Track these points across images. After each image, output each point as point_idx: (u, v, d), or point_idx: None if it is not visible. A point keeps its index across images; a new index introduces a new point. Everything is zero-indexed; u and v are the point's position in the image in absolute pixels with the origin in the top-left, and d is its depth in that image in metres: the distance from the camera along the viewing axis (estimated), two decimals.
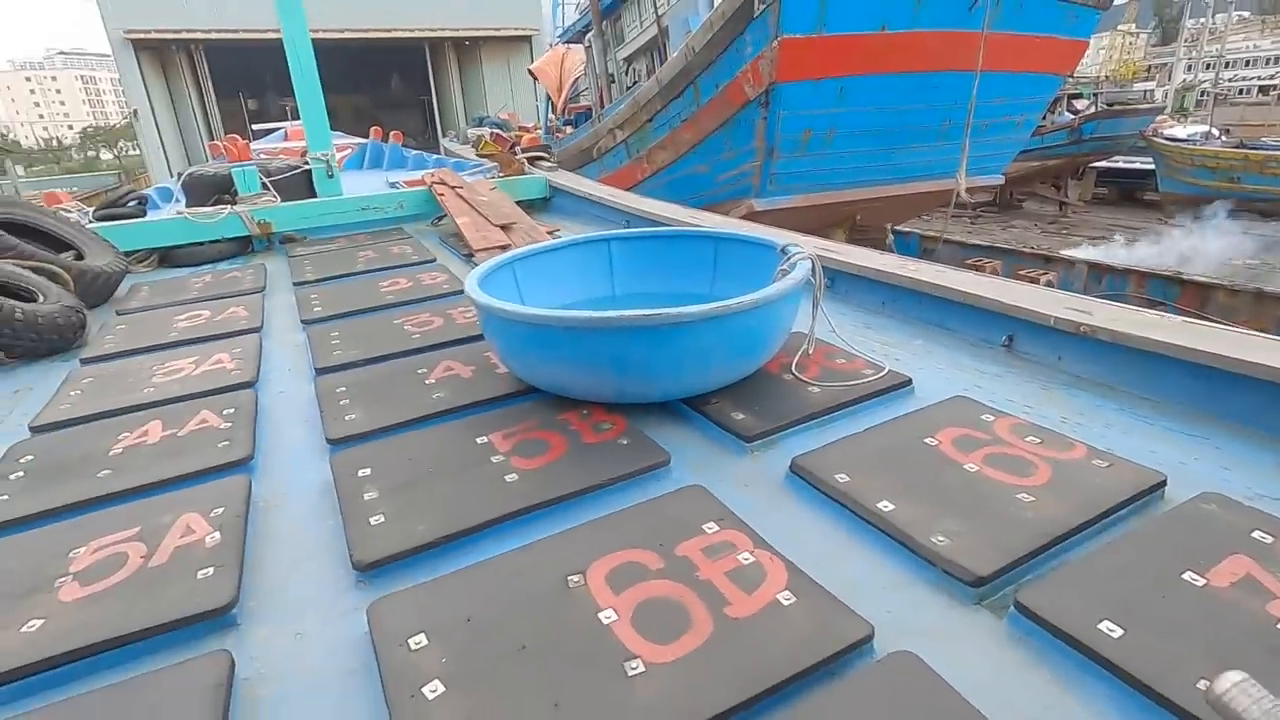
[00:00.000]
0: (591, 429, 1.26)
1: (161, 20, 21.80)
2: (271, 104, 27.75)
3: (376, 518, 1.03)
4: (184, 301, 2.36)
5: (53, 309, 2.00)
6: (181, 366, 1.73)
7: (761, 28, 6.51)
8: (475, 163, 5.49)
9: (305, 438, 1.38)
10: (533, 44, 27.32)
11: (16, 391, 1.73)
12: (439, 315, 1.99)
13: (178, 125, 23.94)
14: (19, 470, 1.24)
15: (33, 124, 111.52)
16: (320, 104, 3.81)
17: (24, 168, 39.94)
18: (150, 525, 1.03)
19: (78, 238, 2.66)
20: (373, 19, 24.08)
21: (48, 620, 0.85)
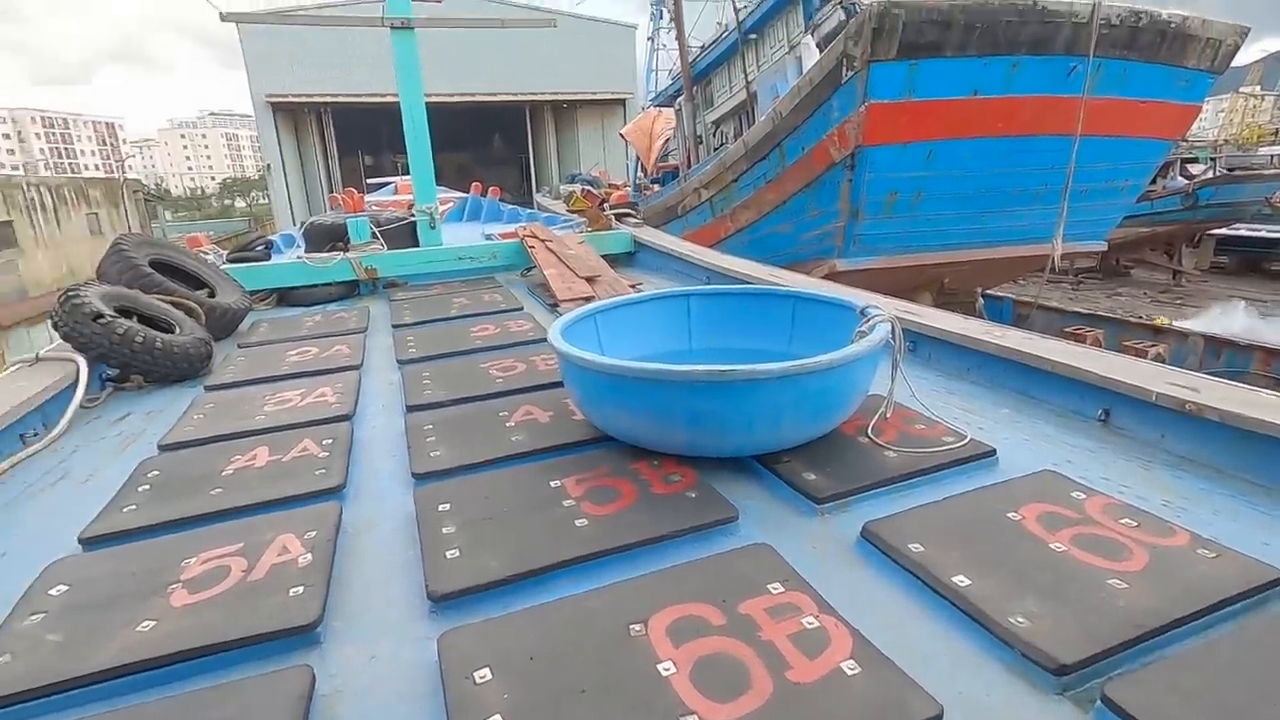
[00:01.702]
0: (661, 480, 1.28)
1: (298, 86, 24.33)
2: (385, 160, 30.14)
3: (452, 551, 1.08)
4: (296, 338, 2.57)
5: (186, 340, 2.22)
6: (290, 398, 1.88)
7: (849, 94, 6.59)
8: (565, 218, 5.75)
9: (393, 470, 1.47)
10: (626, 107, 28.64)
11: (149, 413, 1.93)
12: (523, 361, 2.08)
13: (303, 178, 26.35)
14: (146, 484, 1.37)
15: (182, 175, 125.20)
16: (429, 162, 4.13)
17: (171, 213, 44.73)
18: (252, 542, 1.12)
19: (212, 277, 2.96)
20: (480, 84, 26.00)
21: (159, 623, 0.93)
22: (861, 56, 6.29)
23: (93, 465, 1.59)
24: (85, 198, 21.52)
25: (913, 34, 6.19)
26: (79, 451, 1.68)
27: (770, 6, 10.51)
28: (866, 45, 6.22)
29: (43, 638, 0.91)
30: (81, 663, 0.85)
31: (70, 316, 2.04)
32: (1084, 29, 6.31)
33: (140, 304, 2.34)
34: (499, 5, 23.11)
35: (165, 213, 38.38)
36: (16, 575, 1.09)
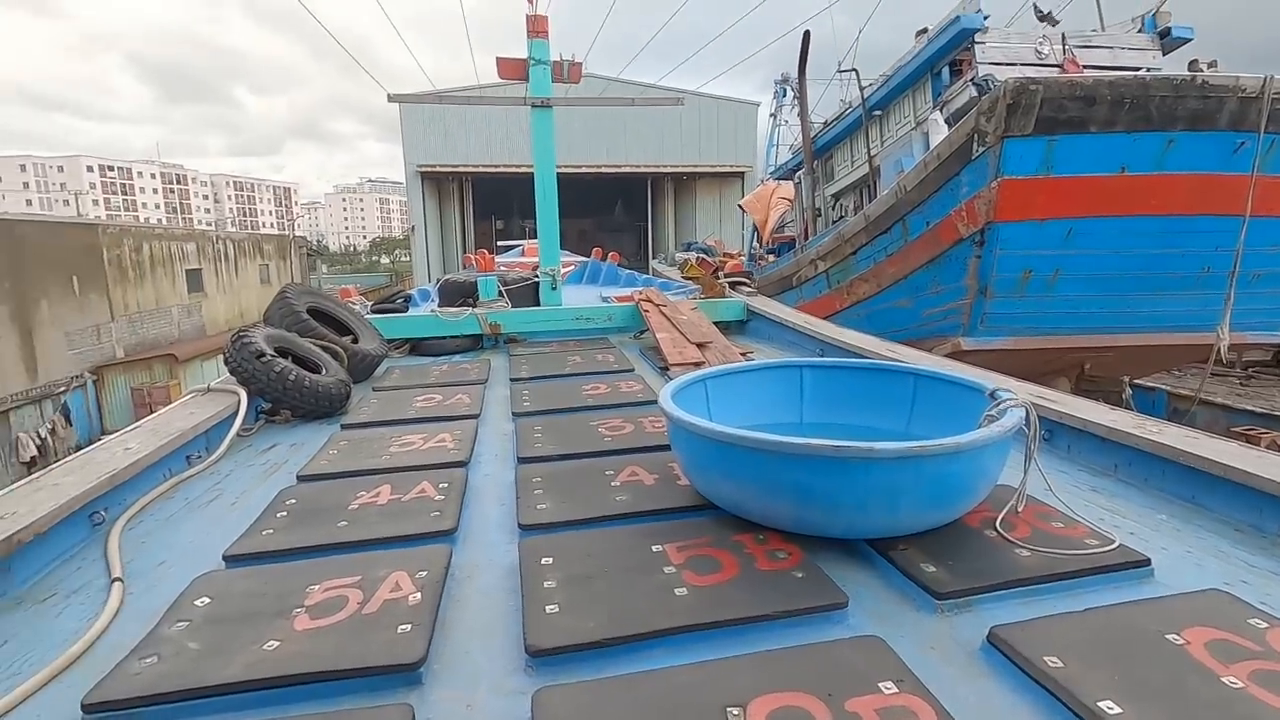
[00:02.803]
0: (766, 555, 1.24)
1: (444, 157, 26.86)
2: (514, 224, 32.33)
3: (552, 606, 1.08)
4: (423, 385, 2.75)
5: (330, 381, 2.43)
6: (413, 440, 1.99)
7: (980, 169, 6.38)
8: (680, 284, 5.87)
9: (500, 519, 1.51)
10: (745, 179, 29.26)
11: (292, 445, 2.11)
12: (631, 422, 2.10)
13: (441, 239, 28.71)
14: (284, 511, 1.49)
15: (339, 233, 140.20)
16: (556, 227, 4.38)
17: (327, 266, 49.96)
18: (369, 576, 1.18)
19: (357, 324, 3.25)
20: (607, 156, 27.57)
21: (282, 643, 0.99)
22: (995, 132, 6.10)
23: (241, 488, 1.75)
24: (260, 251, 24.49)
25: (1052, 110, 5.95)
26: (232, 475, 1.86)
27: (897, 83, 10.50)
28: (1000, 121, 6.04)
29: (185, 645, 0.99)
30: (213, 673, 0.92)
31: (238, 354, 2.30)
32: (1253, 104, 5.82)
33: (296, 346, 2.60)
34: (630, 85, 24.65)
35: (322, 266, 42.89)
36: (173, 582, 1.21)
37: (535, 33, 4.39)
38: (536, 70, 4.34)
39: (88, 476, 1.51)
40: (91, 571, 1.31)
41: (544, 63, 4.37)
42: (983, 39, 8.75)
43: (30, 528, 1.26)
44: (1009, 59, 8.68)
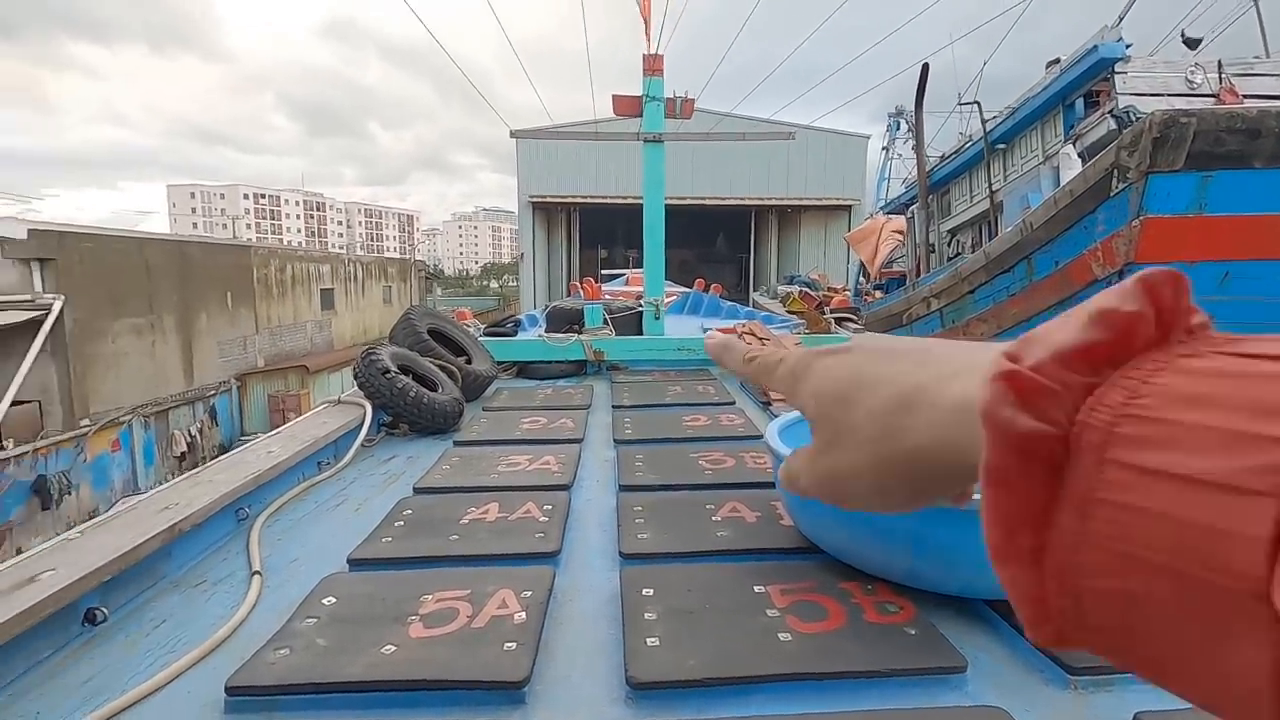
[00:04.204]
0: (875, 607, 1.18)
1: (555, 188, 28.06)
2: (618, 254, 33.15)
3: (652, 639, 1.08)
4: (530, 407, 2.84)
5: (445, 399, 2.57)
6: (519, 461, 2.06)
7: (1119, 207, 5.92)
8: (783, 318, 5.79)
9: (602, 545, 1.53)
10: (852, 212, 28.62)
11: (409, 458, 2.24)
12: (732, 456, 2.08)
13: (548, 266, 29.84)
14: (401, 520, 1.58)
15: (454, 258, 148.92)
16: (661, 258, 4.45)
17: (441, 289, 53.18)
18: (477, 591, 1.22)
19: (470, 346, 3.42)
20: (712, 188, 27.82)
21: (398, 649, 1.05)
22: (1138, 167, 5.66)
23: (364, 496, 1.87)
24: (384, 273, 26.42)
25: (1207, 143, 5.45)
26: (356, 483, 1.99)
27: (1024, 116, 9.99)
28: (1145, 155, 5.60)
29: (314, 640, 1.06)
30: (338, 670, 0.98)
31: (367, 370, 2.48)
32: None
33: (416, 364, 2.76)
34: (740, 119, 24.86)
35: (437, 289, 45.67)
36: (302, 579, 1.30)
37: (651, 71, 4.54)
38: (650, 106, 4.47)
39: (236, 476, 1.67)
40: (235, 563, 1.43)
41: (658, 99, 4.50)
42: (1124, 68, 8.19)
43: (189, 519, 1.40)
44: (1154, 89, 8.08)
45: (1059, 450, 0.25)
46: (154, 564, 1.33)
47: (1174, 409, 0.23)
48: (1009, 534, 0.26)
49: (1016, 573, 0.26)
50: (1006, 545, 0.26)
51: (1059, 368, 0.26)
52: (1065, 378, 0.26)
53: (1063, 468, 0.25)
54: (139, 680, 1.00)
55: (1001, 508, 0.26)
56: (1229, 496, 0.20)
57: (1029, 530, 0.26)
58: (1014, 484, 0.26)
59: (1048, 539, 0.25)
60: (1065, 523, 0.24)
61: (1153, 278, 0.27)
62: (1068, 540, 0.24)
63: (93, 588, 1.15)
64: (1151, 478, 0.22)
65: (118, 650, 1.11)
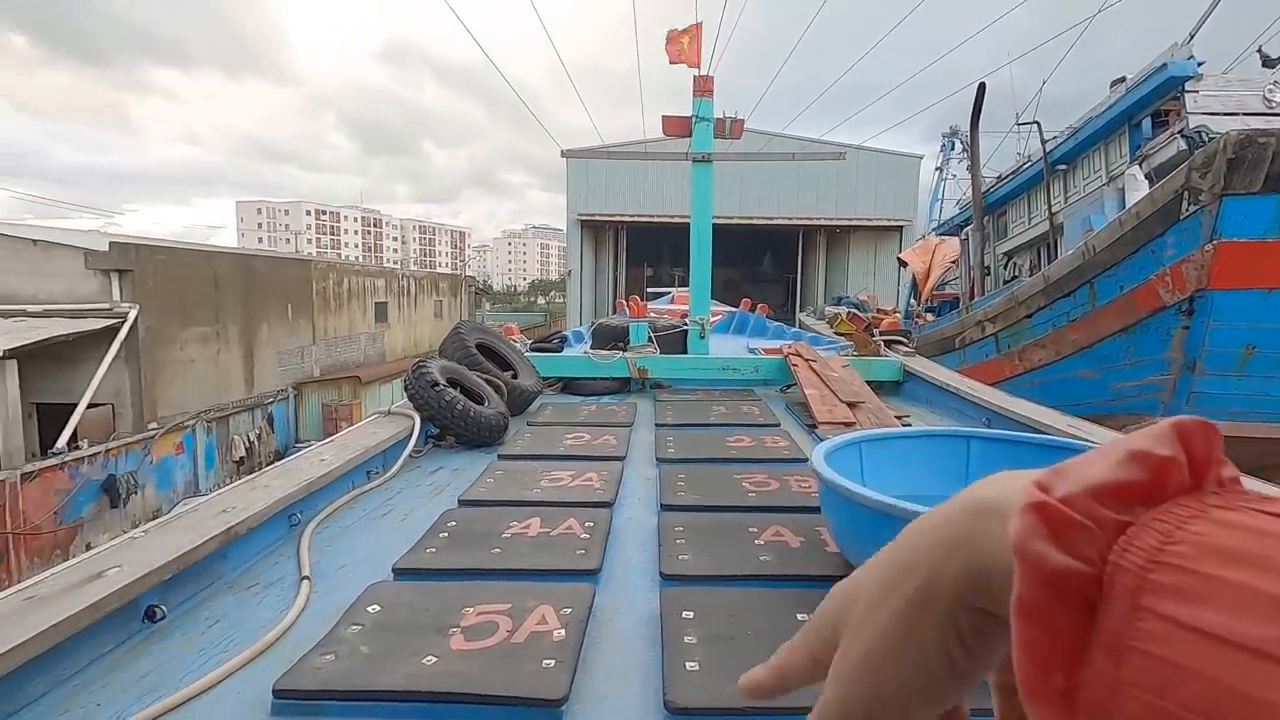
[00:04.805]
0: None
1: (603, 207, 28.39)
2: (663, 272, 33.26)
3: (691, 663, 1.06)
4: (573, 423, 2.86)
5: (491, 412, 2.61)
6: (561, 477, 2.07)
7: (1189, 230, 5.66)
8: (830, 339, 5.70)
9: (642, 565, 1.52)
10: (903, 233, 28.11)
11: (455, 469, 2.27)
12: (776, 479, 2.05)
13: (594, 284, 30.14)
14: (446, 531, 1.60)
15: (503, 274, 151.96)
16: (708, 277, 4.45)
17: (490, 304, 54.29)
18: (517, 605, 1.23)
19: (517, 361, 3.47)
20: (760, 208, 27.74)
21: (439, 660, 1.05)
22: (1211, 189, 5.41)
23: (410, 506, 1.90)
24: (436, 288, 27.12)
25: None
26: (403, 492, 2.03)
27: (1087, 136, 9.68)
28: (1219, 177, 5.34)
29: (357, 647, 1.08)
30: (381, 679, 0.99)
31: (417, 382, 2.53)
32: None
33: (464, 378, 2.82)
34: (789, 139, 24.79)
35: (486, 304, 46.63)
36: (349, 586, 1.33)
37: (701, 92, 4.57)
38: (700, 127, 4.50)
39: (290, 482, 1.72)
40: (286, 568, 1.47)
41: (707, 120, 4.52)
42: (1195, 87, 7.87)
43: (245, 522, 1.45)
44: (1229, 108, 7.74)
45: (1091, 588, 0.25)
46: (211, 565, 1.38)
47: (1209, 562, 0.23)
48: (1042, 672, 0.26)
49: (1049, 712, 0.26)
50: (1040, 683, 0.26)
51: (1091, 502, 0.25)
52: (1097, 514, 0.25)
53: (1095, 606, 0.25)
54: (193, 678, 1.03)
55: (1034, 643, 0.26)
56: (1263, 663, 0.20)
57: (1062, 669, 0.25)
58: (1047, 620, 0.25)
59: (1081, 680, 0.25)
60: (1099, 666, 0.24)
61: (1187, 426, 0.26)
62: (1102, 684, 0.24)
63: (153, 586, 1.20)
64: (1186, 633, 0.22)
65: (174, 647, 1.15)
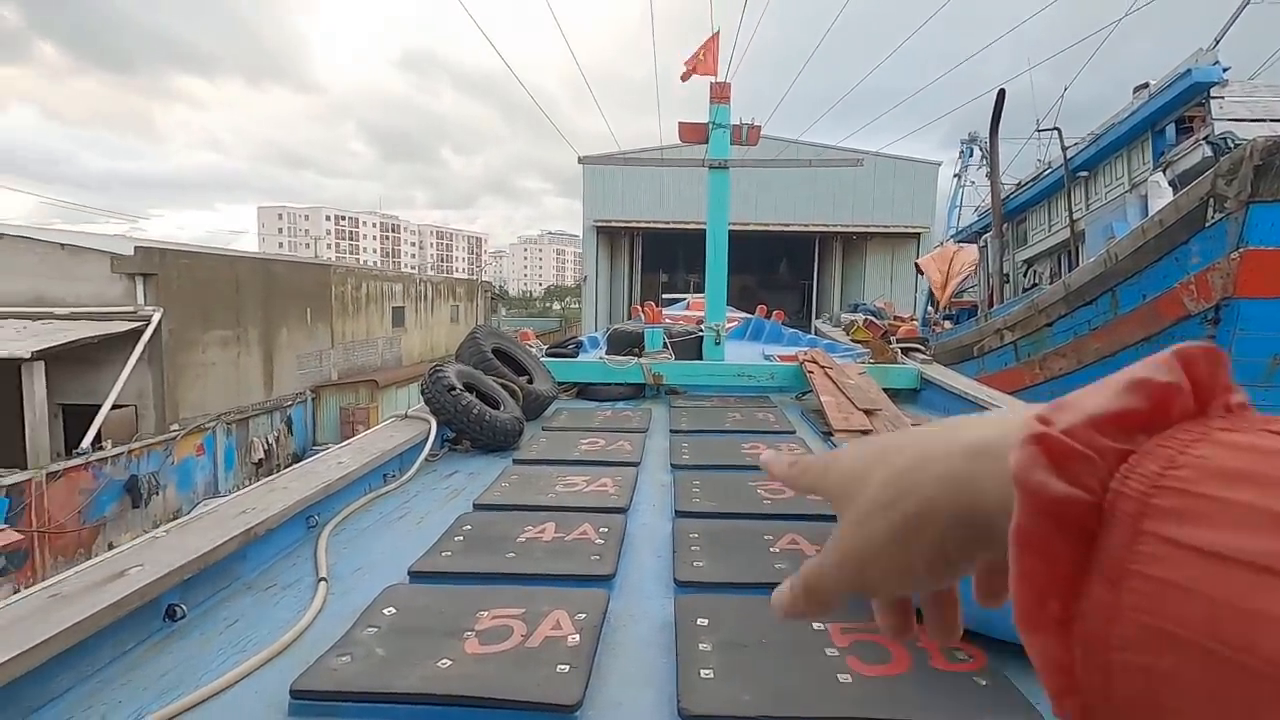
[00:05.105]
0: (943, 653, 1.12)
1: (619, 212, 28.47)
2: (678, 278, 33.26)
3: (706, 671, 1.05)
4: (588, 429, 2.86)
5: (506, 417, 2.62)
6: (576, 482, 2.07)
7: (1215, 238, 5.57)
8: (846, 346, 5.66)
9: (657, 571, 1.51)
10: (920, 240, 27.91)
11: (470, 474, 2.29)
12: None
13: (610, 289, 30.20)
14: (461, 535, 1.61)
15: (519, 280, 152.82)
16: (724, 284, 4.44)
17: (505, 310, 54.57)
18: (532, 610, 1.23)
19: (532, 366, 3.48)
20: (776, 215, 27.68)
21: (454, 663, 1.06)
22: (1237, 197, 5.32)
23: (426, 509, 1.91)
24: (453, 293, 27.31)
25: None
26: (418, 496, 2.04)
27: (1109, 143, 9.57)
28: (1246, 184, 5.25)
29: (373, 649, 1.08)
30: (396, 681, 1.00)
31: (433, 387, 2.55)
32: None
33: (480, 382, 2.83)
34: (806, 145, 24.74)
35: (502, 309, 46.90)
36: (365, 588, 1.34)
37: (718, 98, 4.58)
38: (717, 133, 4.50)
39: (308, 484, 1.74)
40: (303, 569, 1.49)
41: (724, 126, 4.53)
42: (1220, 93, 7.76)
43: (264, 523, 1.46)
44: (1255, 114, 7.61)
45: (1091, 517, 0.25)
46: (230, 565, 1.39)
47: (1212, 484, 0.23)
48: (1038, 600, 0.26)
49: (1045, 641, 0.26)
50: (1036, 612, 0.26)
51: (1092, 432, 0.26)
52: (1098, 443, 0.25)
53: (1095, 535, 0.25)
54: (211, 677, 1.04)
55: (1031, 572, 0.26)
56: (1263, 577, 0.20)
57: (1059, 598, 0.25)
58: (1045, 549, 0.25)
59: (1078, 608, 0.25)
60: (1097, 593, 0.24)
61: (1189, 352, 0.26)
62: (1099, 611, 0.24)
63: (174, 585, 1.21)
64: (1186, 553, 0.22)
65: (193, 646, 1.16)
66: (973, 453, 0.32)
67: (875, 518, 0.37)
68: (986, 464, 0.31)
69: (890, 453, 0.38)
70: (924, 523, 0.34)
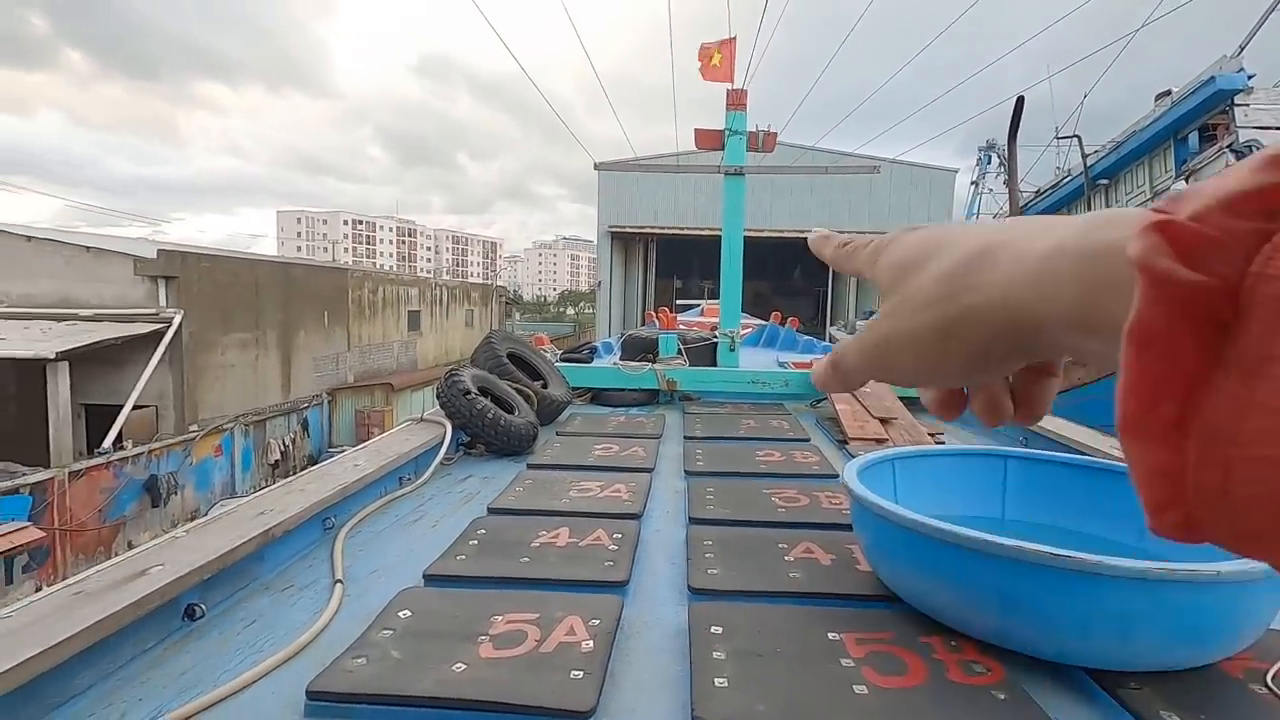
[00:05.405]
0: (960, 665, 1.11)
1: (635, 219, 28.53)
2: (693, 284, 33.28)
3: (720, 680, 1.05)
4: (602, 434, 2.87)
5: (521, 422, 2.63)
6: (590, 488, 2.07)
7: None
8: None
9: (670, 578, 1.51)
10: None
11: (485, 478, 2.30)
12: (806, 494, 2.02)
13: (624, 295, 30.26)
14: (475, 540, 1.61)
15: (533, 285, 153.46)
16: (739, 290, 4.43)
17: (519, 314, 54.79)
18: (545, 615, 1.23)
19: (547, 371, 3.49)
20: (790, 221, 27.61)
21: (468, 667, 1.06)
22: None
23: (440, 513, 1.93)
24: (468, 297, 27.48)
25: None
26: (433, 499, 2.05)
27: (1130, 150, 9.46)
28: None
29: (388, 651, 1.09)
30: (411, 684, 1.00)
31: (449, 390, 2.57)
32: None
33: (495, 386, 2.85)
34: (822, 153, 24.66)
35: (517, 314, 47.07)
36: (380, 591, 1.35)
37: (734, 105, 4.58)
38: (733, 140, 4.50)
39: (324, 486, 1.75)
40: (319, 570, 1.50)
41: (740, 133, 4.53)
42: (1245, 100, 7.65)
43: (281, 525, 1.48)
44: None
45: (1226, 305, 0.22)
46: (248, 566, 1.41)
47: None
48: (1151, 402, 0.23)
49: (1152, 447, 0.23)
50: (1146, 415, 0.23)
51: (1225, 215, 0.22)
52: (1233, 225, 0.22)
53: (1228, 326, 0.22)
54: (229, 677, 1.05)
55: (1148, 373, 0.23)
56: None
57: (1176, 399, 0.23)
58: (1170, 345, 0.23)
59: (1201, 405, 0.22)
60: (1228, 388, 0.22)
61: None
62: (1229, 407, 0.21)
63: (194, 585, 1.23)
64: None
65: (211, 646, 1.18)
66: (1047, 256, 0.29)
67: (921, 311, 0.35)
68: (1062, 267, 0.28)
69: (950, 245, 0.35)
70: (972, 325, 0.32)
